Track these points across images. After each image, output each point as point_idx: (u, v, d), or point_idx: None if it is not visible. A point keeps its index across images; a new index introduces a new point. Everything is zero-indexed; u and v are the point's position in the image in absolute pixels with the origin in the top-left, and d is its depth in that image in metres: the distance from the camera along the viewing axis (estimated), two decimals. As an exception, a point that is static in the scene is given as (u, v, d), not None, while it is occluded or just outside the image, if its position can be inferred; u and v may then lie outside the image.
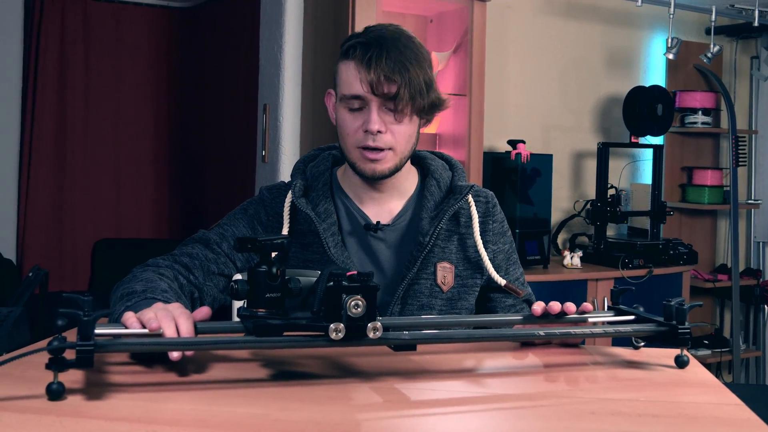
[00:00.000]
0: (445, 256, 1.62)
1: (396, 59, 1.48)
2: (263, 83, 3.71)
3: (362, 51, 1.49)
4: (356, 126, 1.53)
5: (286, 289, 1.13)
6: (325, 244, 1.56)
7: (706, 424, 1.05)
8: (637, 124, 3.99)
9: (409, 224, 1.63)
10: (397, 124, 1.53)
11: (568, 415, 1.07)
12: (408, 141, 1.56)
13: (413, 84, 1.49)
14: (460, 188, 1.64)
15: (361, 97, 1.51)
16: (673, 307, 1.30)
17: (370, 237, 1.62)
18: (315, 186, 1.64)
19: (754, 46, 4.82)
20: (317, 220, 1.58)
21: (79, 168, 5.48)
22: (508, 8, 4.02)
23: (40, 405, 1.01)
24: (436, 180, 1.66)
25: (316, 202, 1.61)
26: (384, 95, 1.49)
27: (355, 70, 1.50)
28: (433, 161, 1.70)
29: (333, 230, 1.58)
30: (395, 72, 1.47)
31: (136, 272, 1.48)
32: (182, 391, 1.11)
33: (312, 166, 1.68)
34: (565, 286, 3.55)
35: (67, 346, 1.02)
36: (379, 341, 1.14)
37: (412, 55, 1.50)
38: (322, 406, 1.07)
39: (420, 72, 1.50)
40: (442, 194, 1.64)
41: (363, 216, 1.63)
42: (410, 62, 1.49)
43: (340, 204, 1.64)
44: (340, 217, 1.63)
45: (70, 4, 5.41)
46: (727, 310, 4.69)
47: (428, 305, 1.59)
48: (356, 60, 1.50)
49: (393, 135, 1.53)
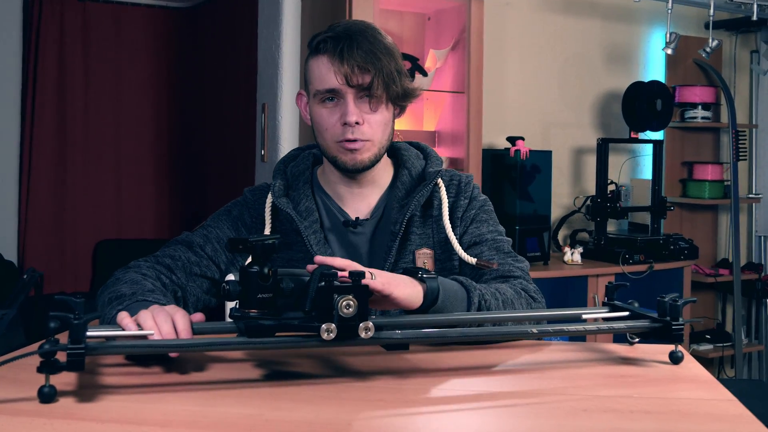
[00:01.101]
0: (423, 242, 1.63)
1: (367, 50, 1.51)
2: (262, 83, 3.71)
3: (333, 44, 1.52)
4: (333, 120, 1.55)
5: (278, 289, 1.13)
6: (308, 242, 1.58)
7: (699, 419, 1.05)
8: (636, 120, 3.99)
9: (382, 216, 1.65)
10: (372, 114, 1.55)
11: (560, 412, 1.07)
12: (385, 130, 1.58)
13: (386, 72, 1.52)
14: (430, 174, 1.65)
15: (335, 90, 1.53)
16: (667, 303, 1.30)
17: (350, 233, 1.64)
18: (296, 185, 1.66)
19: (753, 40, 4.81)
20: (298, 218, 1.59)
21: (79, 169, 5.49)
22: (507, 5, 4.02)
23: (32, 407, 1.02)
24: (407, 169, 1.67)
25: (297, 201, 1.63)
26: (358, 86, 1.52)
27: (329, 64, 1.52)
28: (407, 151, 1.71)
29: (315, 228, 1.60)
30: (367, 62, 1.51)
31: (119, 275, 1.48)
32: (174, 392, 1.11)
33: (293, 166, 1.70)
34: (565, 282, 3.55)
35: (58, 349, 1.02)
36: (371, 341, 1.14)
37: (381, 45, 1.54)
38: (314, 406, 1.07)
39: (391, 61, 1.54)
40: (413, 182, 1.66)
41: (342, 213, 1.65)
42: (381, 52, 1.52)
43: (320, 202, 1.66)
44: (321, 215, 1.65)
45: (69, 5, 5.41)
46: (729, 305, 4.69)
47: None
48: (328, 54, 1.52)
49: (370, 125, 1.55)
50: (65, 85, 5.43)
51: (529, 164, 3.59)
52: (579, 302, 3.54)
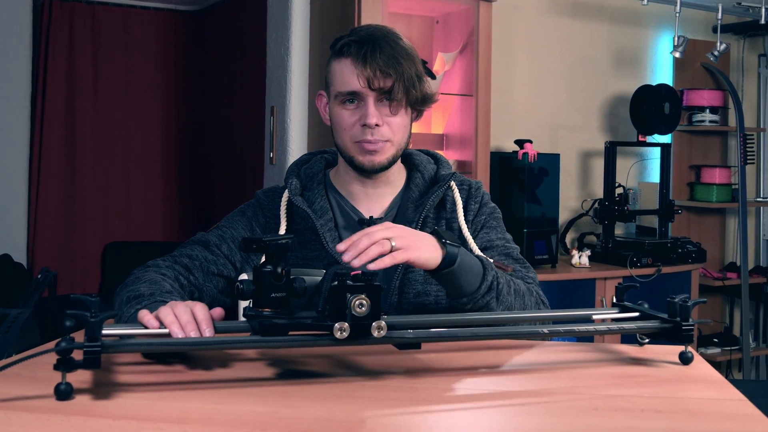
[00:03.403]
0: None
1: (389, 54, 1.54)
2: (270, 85, 3.73)
3: (356, 48, 1.55)
4: (353, 121, 1.58)
5: (291, 288, 1.15)
6: (323, 240, 1.60)
7: (709, 418, 1.06)
8: (644, 123, 3.99)
9: (397, 216, 1.67)
10: (392, 117, 1.58)
11: (571, 411, 1.08)
12: (404, 133, 1.62)
13: (407, 77, 1.55)
14: (443, 177, 1.69)
15: (357, 93, 1.56)
16: (677, 304, 1.30)
17: None
18: (310, 185, 1.68)
19: (761, 44, 4.81)
20: (314, 216, 1.62)
21: (88, 171, 5.52)
22: (515, 8, 4.03)
23: (49, 405, 1.03)
24: (420, 172, 1.71)
25: (312, 200, 1.65)
26: (380, 89, 1.55)
27: (352, 67, 1.55)
28: (418, 156, 1.75)
29: (330, 226, 1.63)
30: (389, 66, 1.54)
31: (138, 274, 1.50)
32: (189, 390, 1.12)
33: (306, 168, 1.72)
34: (573, 285, 3.56)
35: (75, 347, 1.03)
36: (383, 340, 1.15)
37: (402, 50, 1.57)
38: (327, 404, 1.08)
39: (412, 66, 1.57)
40: (426, 185, 1.70)
41: (356, 212, 1.67)
42: (402, 57, 1.55)
43: (333, 202, 1.68)
44: (335, 214, 1.67)
45: (78, 8, 5.44)
46: (737, 308, 4.68)
47: (424, 292, 1.61)
48: (352, 57, 1.55)
49: (390, 127, 1.58)
50: (74, 88, 5.46)
51: (537, 167, 3.60)
52: (587, 305, 3.54)
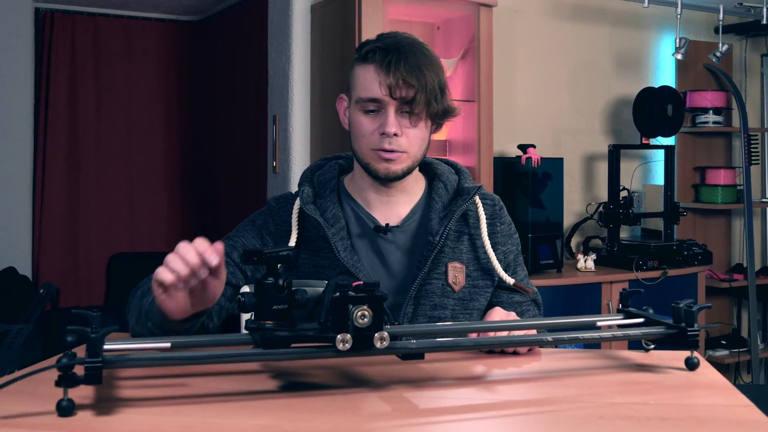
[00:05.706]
0: (455, 256, 1.64)
1: (414, 64, 1.52)
2: (272, 94, 3.73)
3: (381, 55, 1.53)
4: (372, 128, 1.56)
5: (293, 300, 1.14)
6: (335, 249, 1.58)
7: (715, 426, 1.05)
8: (647, 126, 3.98)
9: (418, 226, 1.65)
10: (411, 128, 1.56)
11: (576, 420, 1.07)
12: (421, 145, 1.60)
13: (429, 88, 1.53)
14: (467, 189, 1.68)
15: (378, 100, 1.54)
16: (682, 309, 1.29)
17: (380, 239, 1.64)
18: (323, 193, 1.66)
19: (763, 44, 4.80)
20: (326, 225, 1.60)
21: (92, 183, 5.53)
22: (516, 12, 4.02)
23: (51, 421, 1.02)
24: (443, 183, 1.69)
25: (324, 208, 1.63)
26: (401, 99, 1.53)
27: (375, 74, 1.53)
28: (440, 166, 1.74)
29: (342, 234, 1.60)
30: (413, 76, 1.52)
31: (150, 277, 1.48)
32: (191, 405, 1.11)
33: (319, 174, 1.70)
34: (579, 289, 3.54)
35: (76, 363, 1.03)
36: (386, 351, 1.15)
37: (427, 61, 1.55)
38: (331, 416, 1.07)
39: (435, 77, 1.55)
40: (449, 196, 1.68)
41: (372, 219, 1.65)
42: (426, 67, 1.53)
43: (348, 209, 1.66)
44: (348, 221, 1.65)
45: (80, 19, 5.46)
46: (745, 310, 4.66)
47: (441, 305, 1.60)
48: (376, 64, 1.53)
49: (408, 138, 1.56)
50: (77, 100, 5.47)
51: (540, 172, 3.59)
52: (593, 309, 3.53)
